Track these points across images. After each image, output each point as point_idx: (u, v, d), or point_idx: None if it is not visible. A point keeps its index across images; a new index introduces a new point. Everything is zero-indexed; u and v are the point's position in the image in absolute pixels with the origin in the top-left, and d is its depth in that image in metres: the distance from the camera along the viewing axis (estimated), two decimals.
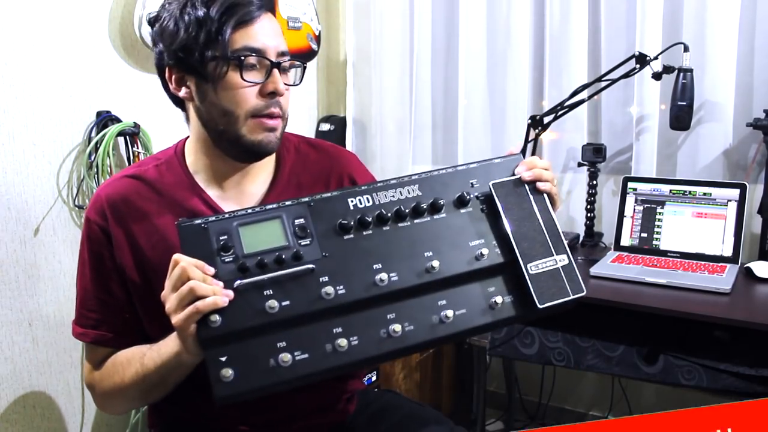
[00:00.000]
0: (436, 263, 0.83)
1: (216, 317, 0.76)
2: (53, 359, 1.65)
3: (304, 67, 1.03)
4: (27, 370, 1.60)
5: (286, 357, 0.77)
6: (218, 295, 0.77)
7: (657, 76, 1.68)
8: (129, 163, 1.73)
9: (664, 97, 1.83)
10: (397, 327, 0.80)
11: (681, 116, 1.67)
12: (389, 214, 0.85)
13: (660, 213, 1.79)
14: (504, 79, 2.15)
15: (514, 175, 0.90)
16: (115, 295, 1.00)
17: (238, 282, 0.79)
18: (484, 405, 2.05)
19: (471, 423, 2.14)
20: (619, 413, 2.13)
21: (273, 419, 1.03)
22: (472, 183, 0.89)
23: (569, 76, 1.99)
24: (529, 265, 0.84)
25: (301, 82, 1.03)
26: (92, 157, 1.66)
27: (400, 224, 0.85)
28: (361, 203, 0.86)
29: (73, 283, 1.67)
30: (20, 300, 1.57)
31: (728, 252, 1.68)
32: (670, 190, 1.79)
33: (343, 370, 0.81)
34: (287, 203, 0.85)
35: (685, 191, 1.77)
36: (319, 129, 2.46)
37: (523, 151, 1.79)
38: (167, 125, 1.83)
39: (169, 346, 0.88)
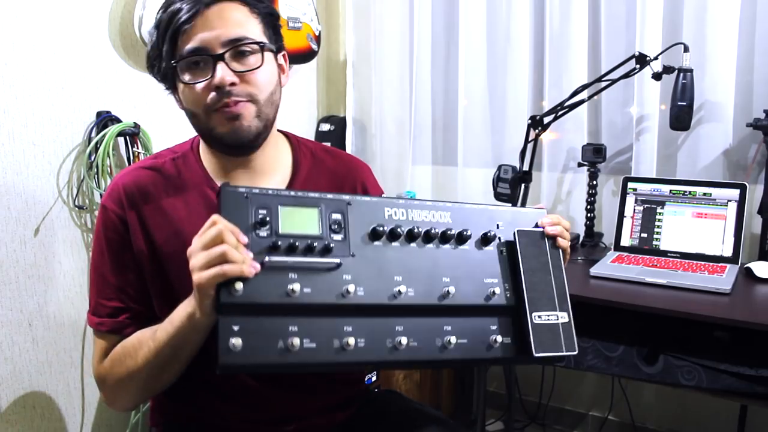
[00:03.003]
0: (452, 290, 0.88)
1: (239, 285, 0.77)
2: (53, 359, 1.65)
3: (262, 47, 0.99)
4: (27, 370, 1.60)
5: (295, 341, 0.79)
6: (247, 264, 0.78)
7: (657, 77, 1.68)
8: (129, 164, 1.73)
9: (664, 97, 1.83)
10: (404, 340, 0.84)
11: (681, 116, 1.67)
12: (419, 232, 0.89)
13: (660, 213, 1.79)
14: (504, 79, 2.15)
15: (537, 226, 0.96)
16: (133, 283, 1.01)
17: (267, 258, 0.80)
18: (484, 405, 2.05)
19: (471, 423, 2.14)
20: (619, 413, 2.13)
21: (274, 418, 1.04)
22: (498, 224, 0.95)
23: (569, 76, 1.99)
24: (533, 314, 0.90)
25: (262, 63, 0.99)
26: (92, 158, 1.66)
27: (427, 245, 0.90)
28: (396, 215, 0.90)
29: (73, 283, 1.69)
30: (20, 300, 1.57)
31: (728, 252, 1.68)
32: (670, 191, 1.79)
33: (345, 368, 0.84)
34: (329, 196, 0.88)
35: (685, 191, 1.77)
36: (319, 129, 2.46)
37: (523, 151, 1.79)
38: (167, 125, 1.83)
39: (181, 310, 0.87)
